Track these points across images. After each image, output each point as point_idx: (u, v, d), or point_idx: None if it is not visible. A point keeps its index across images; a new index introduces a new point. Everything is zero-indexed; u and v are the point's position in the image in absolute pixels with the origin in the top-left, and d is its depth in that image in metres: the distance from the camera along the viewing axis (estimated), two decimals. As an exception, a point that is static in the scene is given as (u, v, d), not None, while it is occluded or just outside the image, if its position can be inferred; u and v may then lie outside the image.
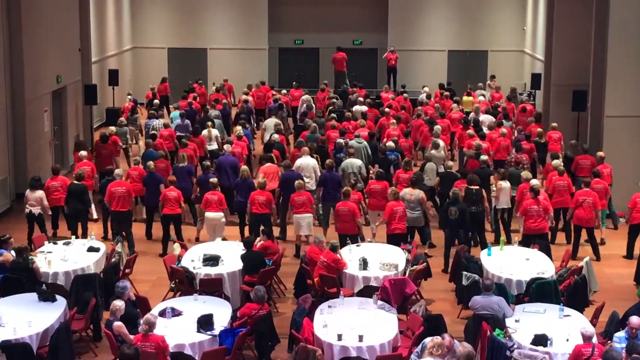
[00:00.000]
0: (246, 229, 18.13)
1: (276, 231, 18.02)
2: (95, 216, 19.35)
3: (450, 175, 18.93)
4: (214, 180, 17.93)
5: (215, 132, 23.30)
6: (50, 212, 18.21)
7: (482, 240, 17.59)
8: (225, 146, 20.90)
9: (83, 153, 20.17)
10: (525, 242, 16.28)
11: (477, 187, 17.49)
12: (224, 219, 17.60)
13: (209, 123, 23.56)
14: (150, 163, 18.89)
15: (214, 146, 22.73)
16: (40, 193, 17.88)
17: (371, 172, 20.11)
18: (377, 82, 33.73)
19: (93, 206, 19.24)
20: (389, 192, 17.07)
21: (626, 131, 20.34)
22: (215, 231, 17.49)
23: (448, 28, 34.82)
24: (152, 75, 32.36)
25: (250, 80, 30.93)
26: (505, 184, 18.29)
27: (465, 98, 28.71)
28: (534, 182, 17.46)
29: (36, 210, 17.81)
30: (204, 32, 34.84)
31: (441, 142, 21.30)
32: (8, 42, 20.88)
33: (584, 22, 22.86)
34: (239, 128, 23.05)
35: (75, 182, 18.15)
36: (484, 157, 19.58)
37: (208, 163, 19.42)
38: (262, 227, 16.46)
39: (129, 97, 29.08)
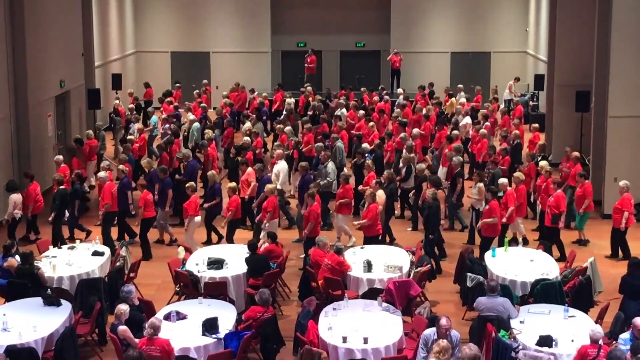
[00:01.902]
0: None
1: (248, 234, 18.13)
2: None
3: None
4: (192, 184, 18.10)
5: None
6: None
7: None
8: (184, 150, 21.20)
9: (59, 157, 20.36)
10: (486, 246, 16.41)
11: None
12: None
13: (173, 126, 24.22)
14: (122, 167, 19.15)
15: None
16: (20, 196, 18.09)
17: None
18: (380, 84, 33.70)
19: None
20: (367, 193, 17.12)
21: (630, 131, 20.34)
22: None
23: (451, 30, 34.82)
24: (155, 79, 32.39)
25: (253, 83, 31.03)
26: (482, 186, 18.42)
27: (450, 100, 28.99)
28: (503, 180, 17.85)
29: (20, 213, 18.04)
30: (206, 35, 34.87)
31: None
32: (11, 47, 20.90)
33: (587, 23, 22.84)
34: (209, 131, 23.22)
35: (61, 187, 18.37)
36: (458, 159, 19.79)
37: (164, 166, 19.58)
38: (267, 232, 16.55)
39: (117, 102, 29.06)
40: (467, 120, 25.19)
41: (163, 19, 35.01)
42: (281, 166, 20.07)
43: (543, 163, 19.27)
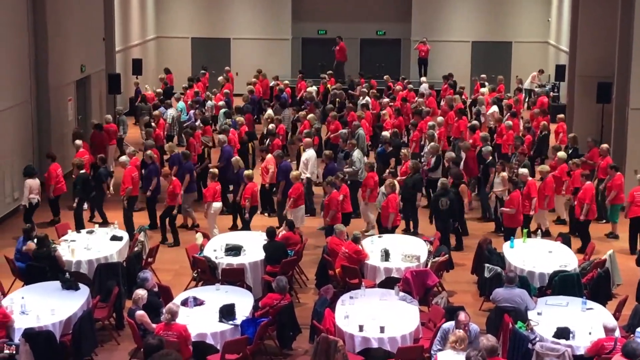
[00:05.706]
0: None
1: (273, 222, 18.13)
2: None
3: None
4: (215, 171, 18.15)
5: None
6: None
7: (463, 230, 17.93)
8: (220, 136, 21.11)
9: (78, 142, 20.40)
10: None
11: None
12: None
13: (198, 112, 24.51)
14: (150, 152, 19.23)
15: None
16: (38, 181, 18.16)
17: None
18: (400, 73, 33.61)
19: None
20: (386, 183, 17.07)
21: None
22: (215, 221, 17.69)
23: (472, 19, 34.62)
24: (176, 65, 32.43)
25: (274, 71, 31.04)
26: (505, 175, 18.39)
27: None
28: (523, 171, 17.79)
29: (37, 198, 18.05)
30: (227, 22, 34.85)
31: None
32: (33, 32, 20.97)
33: (609, 13, 22.64)
34: (241, 118, 23.35)
35: (82, 171, 18.51)
36: (487, 148, 19.67)
37: (187, 151, 19.56)
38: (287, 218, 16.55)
39: (146, 86, 29.18)
40: (495, 108, 24.98)
41: (184, 5, 35.00)
42: (310, 154, 19.89)
43: (561, 154, 19.12)
